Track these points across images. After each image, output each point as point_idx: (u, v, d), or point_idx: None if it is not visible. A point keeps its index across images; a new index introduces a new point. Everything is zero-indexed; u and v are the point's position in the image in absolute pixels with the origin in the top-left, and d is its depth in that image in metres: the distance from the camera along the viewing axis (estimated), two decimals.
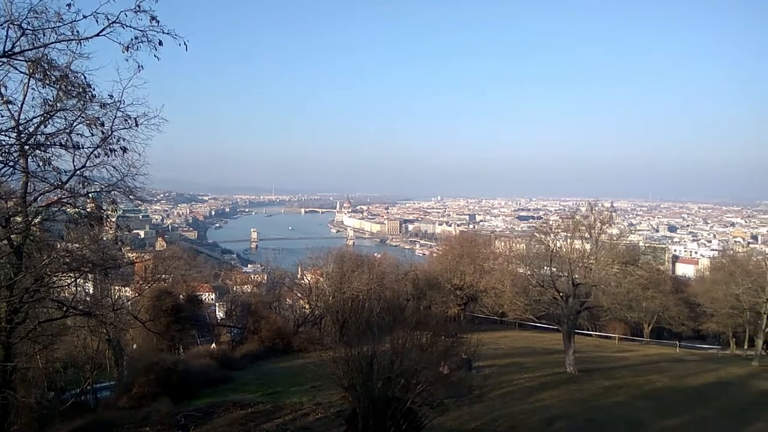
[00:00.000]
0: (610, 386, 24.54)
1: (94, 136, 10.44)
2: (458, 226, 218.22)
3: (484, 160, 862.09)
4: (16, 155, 10.29)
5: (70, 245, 14.23)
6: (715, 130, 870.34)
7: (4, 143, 9.77)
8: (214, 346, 34.60)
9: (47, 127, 10.57)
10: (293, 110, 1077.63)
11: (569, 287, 28.05)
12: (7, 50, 8.30)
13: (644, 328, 51.62)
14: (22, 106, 10.06)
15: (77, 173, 11.28)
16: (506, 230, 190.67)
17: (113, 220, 13.43)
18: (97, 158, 11.07)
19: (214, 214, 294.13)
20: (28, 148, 10.34)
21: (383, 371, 11.96)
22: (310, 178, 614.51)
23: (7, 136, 9.90)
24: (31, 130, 10.41)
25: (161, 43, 8.53)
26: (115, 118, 10.31)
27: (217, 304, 53.00)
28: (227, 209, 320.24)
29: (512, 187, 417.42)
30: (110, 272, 17.77)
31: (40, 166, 10.53)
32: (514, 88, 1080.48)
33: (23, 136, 10.28)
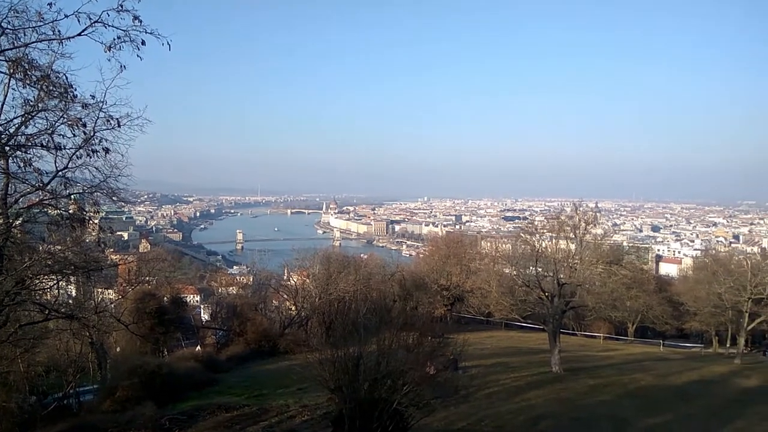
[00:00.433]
0: (595, 385, 24.75)
1: (76, 137, 10.28)
2: (445, 226, 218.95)
3: (469, 160, 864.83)
4: None
5: (52, 247, 14.03)
6: (697, 132, 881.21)
7: None
8: (199, 348, 34.33)
9: (28, 127, 10.39)
10: (281, 111, 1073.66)
11: (554, 287, 28.26)
12: None
13: (628, 327, 52.11)
14: (2, 106, 9.88)
15: (59, 174, 11.10)
16: (492, 231, 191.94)
17: (96, 221, 13.21)
18: (79, 159, 10.90)
19: (199, 215, 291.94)
20: (8, 149, 10.16)
21: (370, 372, 11.95)
22: (296, 179, 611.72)
23: None
24: (11, 131, 10.22)
25: (144, 42, 8.48)
26: (97, 118, 10.16)
27: (202, 306, 52.64)
28: (212, 210, 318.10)
29: (498, 187, 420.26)
30: (93, 274, 17.52)
31: (21, 167, 10.35)
32: (500, 90, 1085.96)
33: (3, 137, 10.10)
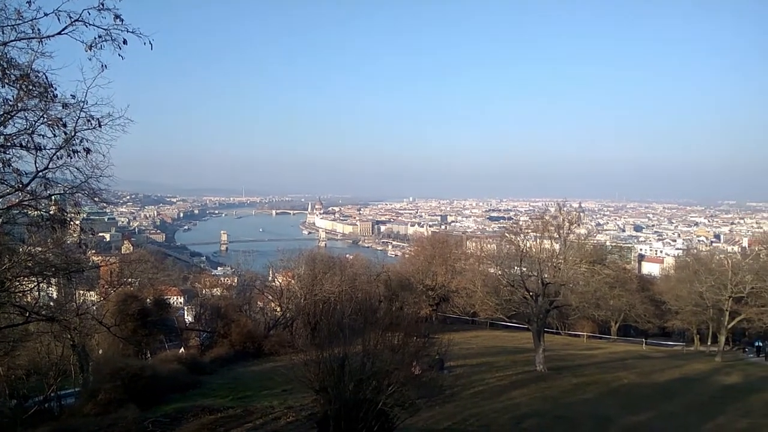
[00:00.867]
0: (579, 384, 24.96)
1: (56, 137, 10.12)
2: (430, 226, 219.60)
3: (454, 161, 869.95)
4: None
5: (32, 249, 13.87)
6: (679, 132, 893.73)
7: None
8: (182, 350, 34.00)
9: (7, 127, 10.22)
10: (265, 111, 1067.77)
11: (539, 287, 28.44)
12: None
13: (611, 326, 52.67)
14: None
15: (39, 175, 10.93)
16: (477, 231, 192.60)
17: (77, 223, 13.04)
18: (60, 160, 10.74)
19: (182, 216, 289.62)
20: None
21: (355, 373, 11.93)
22: (281, 179, 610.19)
23: None
24: None
25: (126, 41, 8.38)
26: (78, 118, 10.02)
27: (185, 307, 52.19)
28: (196, 211, 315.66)
29: (483, 188, 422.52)
30: (74, 276, 17.36)
31: (0, 168, 10.20)
32: (484, 92, 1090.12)
33: None
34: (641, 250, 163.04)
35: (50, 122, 9.77)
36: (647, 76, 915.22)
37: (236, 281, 52.87)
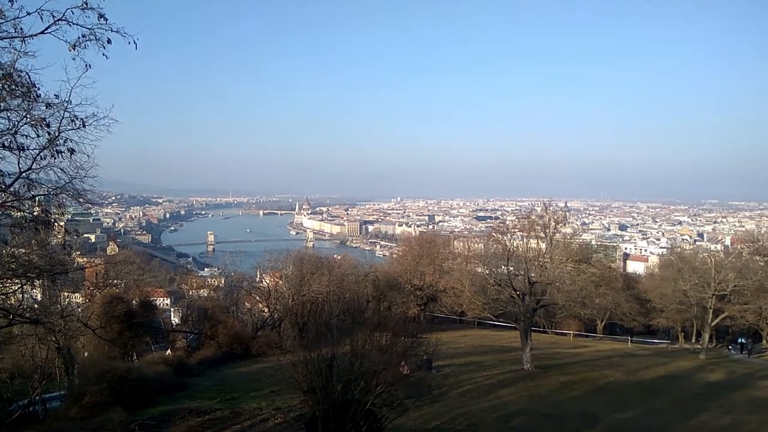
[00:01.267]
0: (566, 382, 25.16)
1: (40, 137, 10.01)
2: (418, 226, 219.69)
3: (441, 161, 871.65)
4: None
5: (15, 250, 13.69)
6: (662, 132, 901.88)
7: None
8: (169, 352, 33.75)
9: None
10: (251, 111, 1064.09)
11: (526, 286, 28.63)
12: None
13: (597, 324, 53.07)
14: None
15: (23, 176, 10.81)
16: (465, 230, 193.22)
17: (61, 224, 12.92)
18: (43, 160, 10.62)
19: (168, 216, 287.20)
20: None
21: (343, 373, 11.93)
22: (268, 180, 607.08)
23: None
24: None
25: (110, 41, 8.32)
26: (62, 118, 9.92)
27: (172, 309, 51.68)
28: (183, 212, 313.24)
29: (470, 187, 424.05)
30: (59, 278, 17.17)
31: None
32: (470, 92, 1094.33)
33: None
34: (626, 248, 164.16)
35: (33, 122, 9.67)
36: (647, 76, 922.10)
37: (223, 282, 52.52)
